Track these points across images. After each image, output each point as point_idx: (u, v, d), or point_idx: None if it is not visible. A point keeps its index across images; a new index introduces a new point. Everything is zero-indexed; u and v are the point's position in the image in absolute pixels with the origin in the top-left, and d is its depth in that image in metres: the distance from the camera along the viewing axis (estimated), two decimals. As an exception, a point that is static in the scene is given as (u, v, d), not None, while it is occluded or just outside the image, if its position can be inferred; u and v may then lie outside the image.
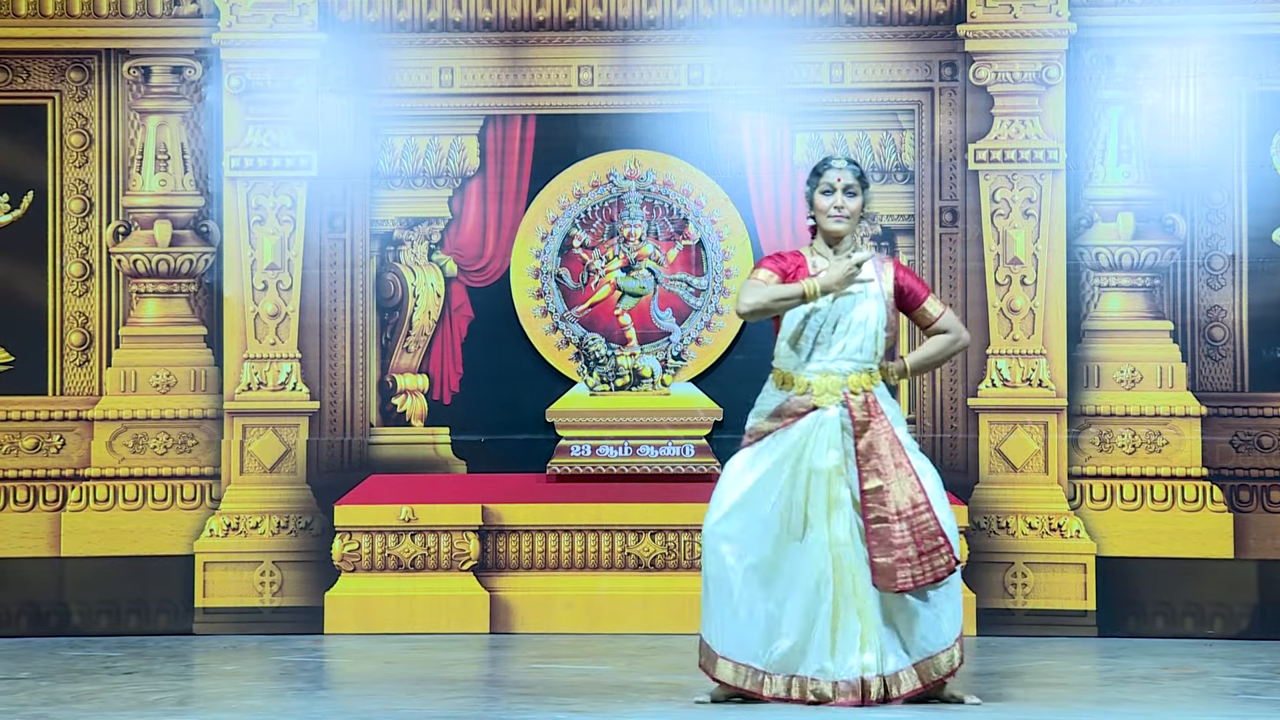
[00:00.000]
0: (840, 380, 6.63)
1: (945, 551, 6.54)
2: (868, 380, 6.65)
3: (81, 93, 9.34)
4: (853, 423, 6.59)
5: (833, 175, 6.67)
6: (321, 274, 9.34)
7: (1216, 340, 9.15)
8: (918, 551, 6.52)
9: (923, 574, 6.52)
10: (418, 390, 9.37)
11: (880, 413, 6.62)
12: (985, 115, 9.24)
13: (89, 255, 9.34)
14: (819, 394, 6.62)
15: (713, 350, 9.32)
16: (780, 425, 6.62)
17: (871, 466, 6.57)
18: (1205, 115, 9.17)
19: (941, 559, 6.53)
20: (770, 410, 6.67)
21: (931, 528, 6.54)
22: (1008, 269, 9.22)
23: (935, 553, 6.53)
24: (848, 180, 6.67)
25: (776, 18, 9.30)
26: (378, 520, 9.27)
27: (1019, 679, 7.77)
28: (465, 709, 6.75)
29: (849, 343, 6.64)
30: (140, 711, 6.70)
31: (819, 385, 6.63)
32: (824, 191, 6.69)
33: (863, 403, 6.61)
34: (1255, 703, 6.95)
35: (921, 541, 6.53)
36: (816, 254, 6.73)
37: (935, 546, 6.53)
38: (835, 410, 6.61)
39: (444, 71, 9.37)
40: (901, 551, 6.51)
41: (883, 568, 6.51)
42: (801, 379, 6.65)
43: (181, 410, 9.32)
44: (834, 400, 6.62)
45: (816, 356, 6.65)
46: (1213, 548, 9.09)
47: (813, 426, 6.60)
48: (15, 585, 9.24)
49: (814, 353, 6.65)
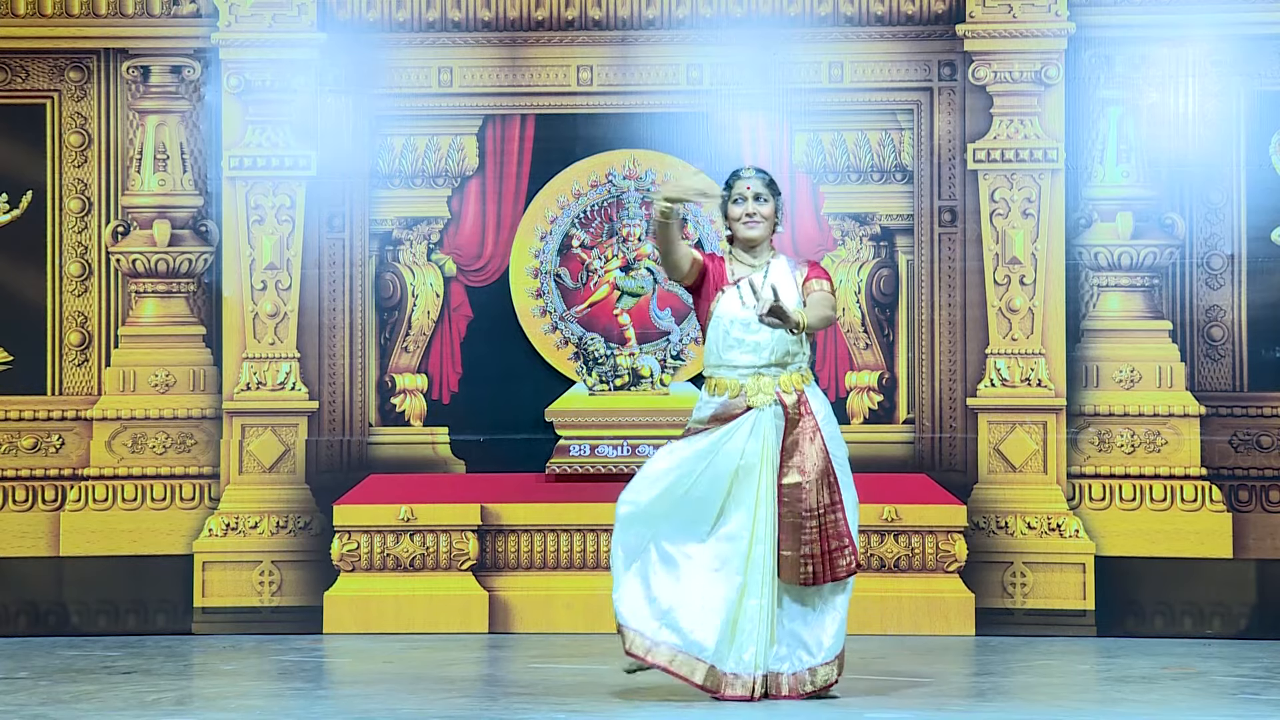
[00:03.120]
0: (772, 381, 6.82)
1: (849, 553, 6.75)
2: (799, 380, 6.85)
3: (80, 92, 9.34)
4: (785, 420, 6.77)
5: (742, 185, 6.89)
6: (320, 274, 9.34)
7: (1215, 340, 9.15)
8: (823, 550, 6.72)
9: (825, 571, 6.72)
10: (417, 390, 9.37)
11: (810, 412, 6.81)
12: (984, 115, 9.24)
13: (88, 255, 9.34)
14: (753, 395, 6.81)
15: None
16: (717, 426, 6.79)
17: (794, 463, 6.76)
18: (1204, 115, 9.17)
19: (844, 560, 6.75)
20: (707, 416, 6.84)
21: (839, 528, 6.74)
22: (1007, 269, 9.22)
23: (839, 553, 6.74)
24: (757, 189, 6.87)
25: (775, 17, 9.30)
26: (377, 520, 9.27)
27: (1018, 679, 7.78)
28: (464, 709, 6.76)
29: (776, 345, 6.80)
30: (139, 711, 6.70)
31: (752, 387, 6.82)
32: (735, 201, 6.89)
33: (795, 401, 6.80)
34: (1254, 702, 6.95)
35: (828, 540, 6.73)
36: (735, 260, 6.93)
37: (840, 547, 6.74)
38: (770, 409, 6.78)
39: (443, 71, 9.37)
40: (809, 548, 6.71)
41: (788, 560, 6.71)
42: (734, 383, 6.83)
43: (180, 410, 9.32)
44: (768, 400, 6.80)
45: (747, 361, 6.82)
46: (1211, 547, 9.09)
47: (745, 424, 6.76)
48: (14, 585, 9.24)
49: (744, 358, 6.82)
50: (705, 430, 6.81)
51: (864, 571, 9.11)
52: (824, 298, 6.86)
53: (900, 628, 9.11)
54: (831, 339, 9.29)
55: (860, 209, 9.31)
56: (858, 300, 9.28)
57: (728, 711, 6.56)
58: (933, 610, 9.14)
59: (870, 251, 9.31)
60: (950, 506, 9.17)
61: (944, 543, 9.15)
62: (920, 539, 9.16)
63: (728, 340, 6.83)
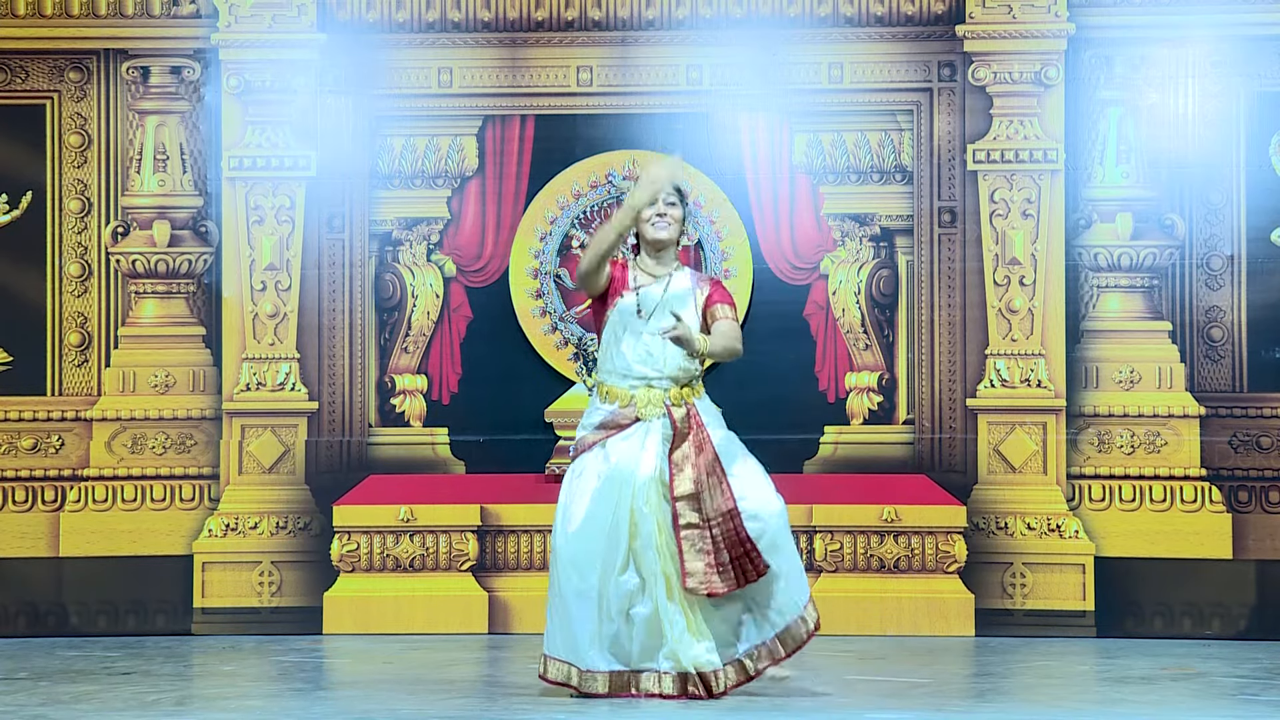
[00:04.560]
0: (662, 393, 6.86)
1: (755, 555, 6.74)
2: (688, 393, 6.89)
3: (80, 93, 9.34)
4: (674, 433, 6.80)
5: None
6: (320, 274, 9.34)
7: (1215, 341, 9.15)
8: (729, 557, 6.74)
9: (732, 580, 6.74)
10: (416, 390, 9.37)
11: (701, 424, 6.84)
12: (984, 115, 9.25)
13: (88, 255, 9.34)
14: (642, 406, 6.85)
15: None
16: (605, 436, 6.84)
17: (685, 475, 6.78)
18: (1204, 116, 9.17)
19: (751, 565, 6.75)
20: (595, 423, 6.89)
21: (740, 534, 6.74)
22: (1006, 269, 9.22)
23: (744, 559, 6.74)
24: (668, 190, 6.90)
25: (775, 18, 9.30)
26: (376, 520, 9.27)
27: (1018, 679, 7.78)
28: (464, 709, 6.76)
29: (669, 357, 6.84)
30: (139, 712, 6.70)
31: (642, 398, 6.86)
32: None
33: (684, 415, 6.84)
34: (1253, 703, 6.95)
35: (732, 548, 6.74)
36: (638, 268, 6.96)
37: (744, 553, 6.74)
38: (659, 422, 6.83)
39: (443, 72, 9.37)
40: (710, 557, 6.73)
41: (693, 571, 6.73)
42: (625, 392, 6.87)
43: (180, 410, 9.32)
44: (657, 413, 6.84)
45: (639, 371, 6.86)
46: (1211, 548, 9.09)
47: (634, 436, 6.81)
48: (14, 585, 9.24)
49: (636, 369, 6.86)
50: (595, 444, 6.83)
51: (864, 572, 9.16)
52: (730, 328, 6.90)
53: (900, 628, 9.11)
54: (831, 339, 9.29)
55: (860, 209, 9.31)
56: (857, 301, 9.28)
57: (728, 711, 6.55)
58: (932, 611, 9.14)
59: (870, 252, 9.31)
60: (950, 507, 9.17)
61: (944, 543, 9.16)
62: (920, 540, 9.16)
63: (620, 348, 6.87)
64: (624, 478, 6.78)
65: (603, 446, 6.85)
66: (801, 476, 9.18)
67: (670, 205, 6.92)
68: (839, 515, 9.18)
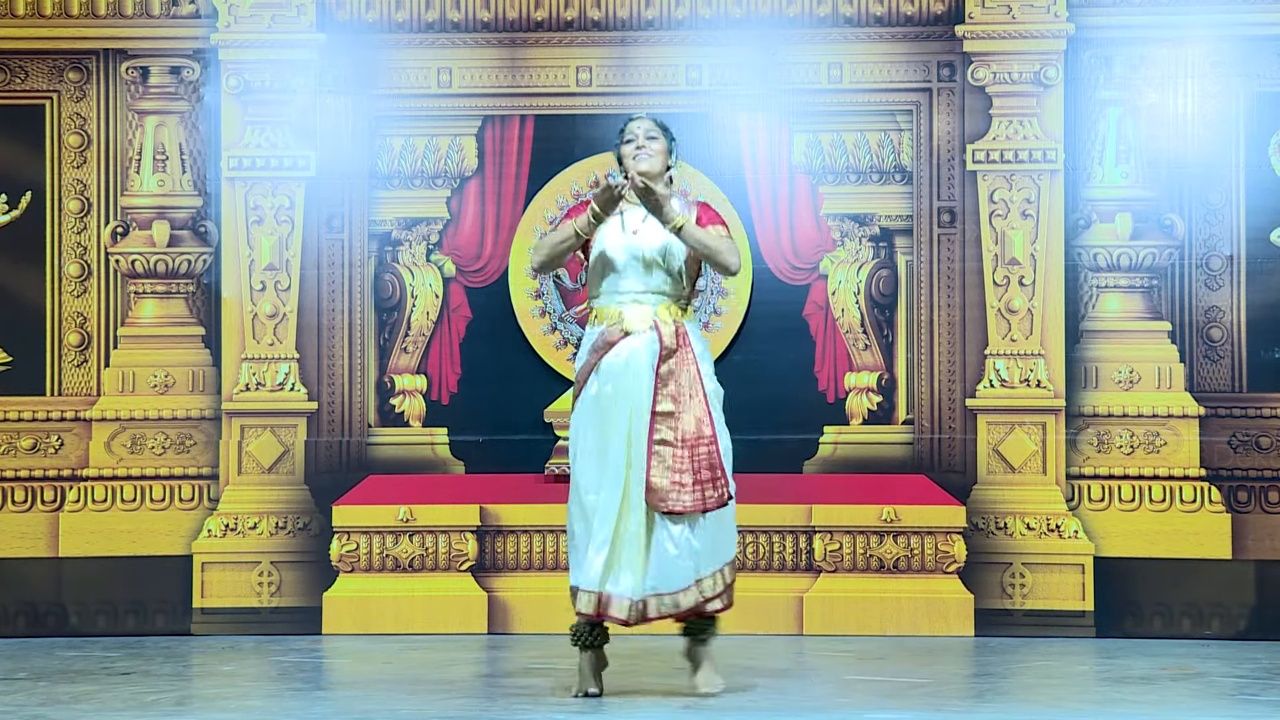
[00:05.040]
0: (650, 309, 6.91)
1: (721, 484, 6.80)
2: (677, 312, 6.95)
3: (79, 93, 9.34)
4: (660, 348, 6.85)
5: (634, 126, 7.01)
6: (320, 274, 9.34)
7: (1214, 341, 9.15)
8: (694, 480, 6.77)
9: (695, 501, 6.77)
10: (416, 391, 9.37)
11: (688, 344, 6.90)
12: (983, 116, 9.25)
13: (87, 255, 9.34)
14: (630, 321, 6.90)
15: (710, 350, 9.31)
16: (599, 358, 6.89)
17: (668, 392, 6.84)
18: (1203, 116, 9.17)
19: (714, 491, 6.78)
20: (588, 346, 6.95)
21: (712, 460, 6.80)
22: (1006, 269, 9.22)
23: (711, 484, 6.78)
24: (646, 127, 7.00)
25: (774, 18, 9.30)
26: (376, 521, 9.27)
27: (1017, 679, 7.78)
28: (463, 709, 6.76)
29: (655, 275, 6.92)
30: (138, 712, 6.70)
31: (630, 315, 6.91)
32: (626, 141, 7.01)
33: (672, 332, 6.90)
34: (1253, 703, 6.95)
35: (699, 471, 6.79)
36: (626, 202, 6.97)
37: (712, 478, 6.79)
38: (647, 336, 6.88)
39: (442, 72, 9.37)
40: (677, 476, 6.77)
41: (656, 486, 6.76)
42: (614, 310, 6.94)
43: (179, 411, 9.32)
44: (645, 326, 6.89)
45: (626, 288, 6.93)
46: (1210, 548, 9.09)
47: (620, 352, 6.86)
48: (13, 586, 9.24)
49: (623, 285, 6.93)
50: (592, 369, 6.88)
51: (863, 572, 9.16)
52: (719, 232, 6.95)
53: (899, 628, 9.11)
54: (831, 339, 9.29)
55: (859, 210, 9.31)
56: (857, 301, 9.28)
57: (728, 712, 6.55)
58: (932, 611, 9.14)
59: (869, 252, 9.31)
60: (949, 507, 9.17)
61: (943, 543, 9.15)
62: (919, 540, 9.16)
63: (608, 268, 6.93)
64: (616, 397, 6.83)
65: (596, 372, 6.89)
66: (801, 476, 9.18)
67: (651, 139, 6.98)
68: (838, 515, 9.18)
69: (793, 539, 9.09)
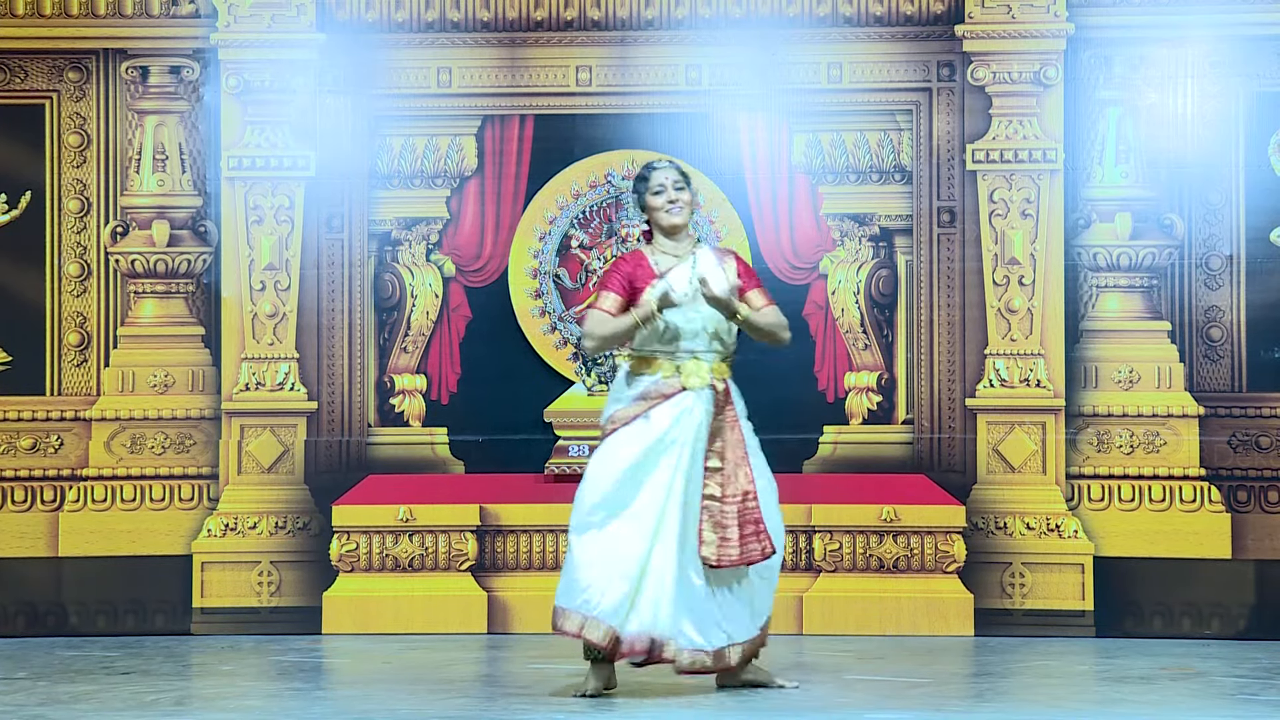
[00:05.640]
0: (707, 366, 6.97)
1: (764, 538, 6.88)
2: (725, 370, 7.03)
3: (79, 93, 9.34)
4: (714, 405, 6.92)
5: (660, 175, 7.07)
6: (319, 274, 9.34)
7: (1214, 340, 9.15)
8: (739, 535, 6.85)
9: (740, 555, 6.84)
10: (416, 390, 9.37)
11: (731, 403, 6.98)
12: (983, 115, 9.24)
13: (87, 255, 9.33)
14: (687, 376, 6.95)
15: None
16: (647, 407, 6.93)
17: (716, 449, 6.91)
18: (1203, 116, 9.17)
19: (756, 545, 6.87)
20: (636, 394, 6.96)
21: (754, 515, 6.88)
22: (1005, 269, 9.22)
23: (753, 538, 6.87)
24: (674, 177, 7.06)
25: (774, 18, 9.30)
26: (375, 520, 9.27)
27: (1017, 679, 7.78)
28: (463, 709, 6.76)
29: (707, 332, 6.97)
30: (138, 711, 6.70)
31: (687, 369, 6.96)
32: (655, 193, 7.05)
33: (724, 389, 6.98)
34: (1252, 703, 6.95)
35: (744, 525, 6.87)
36: (659, 251, 7.08)
37: (755, 533, 6.87)
38: (705, 393, 6.93)
39: (442, 71, 9.37)
40: (723, 532, 6.85)
41: (707, 540, 6.84)
42: (669, 363, 6.97)
43: (179, 410, 9.32)
44: (703, 383, 6.94)
45: (683, 344, 6.97)
46: (1210, 548, 9.09)
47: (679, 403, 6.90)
48: (13, 585, 9.24)
49: (680, 340, 6.96)
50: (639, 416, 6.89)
51: (863, 572, 9.15)
52: (774, 312, 7.05)
53: (899, 628, 9.11)
54: (831, 339, 9.29)
55: (859, 209, 9.31)
56: (857, 301, 9.28)
57: (728, 712, 6.55)
58: (931, 611, 9.14)
59: (869, 252, 9.31)
60: (949, 507, 9.17)
61: (943, 543, 9.15)
62: (919, 539, 9.16)
63: (664, 329, 6.92)
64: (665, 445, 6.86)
65: (645, 418, 6.92)
66: (801, 476, 9.17)
67: (679, 190, 7.04)
68: (838, 515, 9.18)
69: (792, 539, 9.09)
